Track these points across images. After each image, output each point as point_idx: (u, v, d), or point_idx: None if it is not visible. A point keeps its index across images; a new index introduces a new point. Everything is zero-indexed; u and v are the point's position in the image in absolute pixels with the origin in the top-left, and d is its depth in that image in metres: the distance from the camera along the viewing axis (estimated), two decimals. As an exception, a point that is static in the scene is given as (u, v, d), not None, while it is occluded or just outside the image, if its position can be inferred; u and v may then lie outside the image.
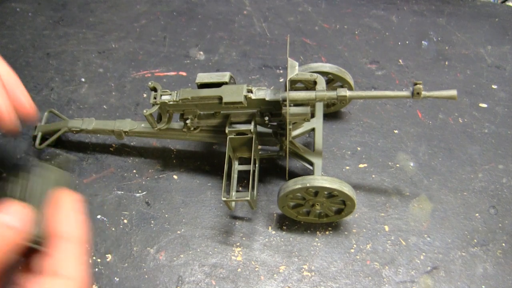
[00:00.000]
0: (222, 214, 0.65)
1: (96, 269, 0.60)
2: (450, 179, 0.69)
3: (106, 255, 0.62)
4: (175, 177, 0.69)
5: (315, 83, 0.60)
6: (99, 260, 0.61)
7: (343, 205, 0.59)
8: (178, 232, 0.63)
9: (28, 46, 0.87)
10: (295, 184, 0.56)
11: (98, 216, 0.65)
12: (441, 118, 0.76)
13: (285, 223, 0.64)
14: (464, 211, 0.65)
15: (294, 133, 0.65)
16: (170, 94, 0.59)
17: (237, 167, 0.63)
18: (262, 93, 0.57)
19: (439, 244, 0.62)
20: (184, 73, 0.83)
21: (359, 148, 0.72)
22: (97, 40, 0.89)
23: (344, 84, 0.69)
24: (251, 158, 0.57)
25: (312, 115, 0.66)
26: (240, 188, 0.67)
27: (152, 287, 0.59)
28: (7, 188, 0.40)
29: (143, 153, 0.72)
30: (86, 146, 0.73)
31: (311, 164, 0.62)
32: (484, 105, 0.78)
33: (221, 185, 0.67)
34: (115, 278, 0.60)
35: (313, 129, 0.65)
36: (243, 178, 0.67)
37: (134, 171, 0.70)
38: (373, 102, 0.78)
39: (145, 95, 0.79)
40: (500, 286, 0.59)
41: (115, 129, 0.67)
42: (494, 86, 0.81)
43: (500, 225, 0.64)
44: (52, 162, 0.39)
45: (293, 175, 0.67)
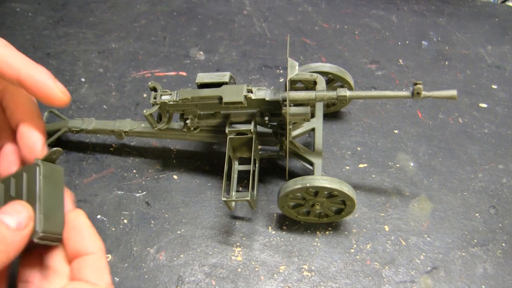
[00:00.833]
0: (222, 214, 0.65)
1: (96, 269, 0.60)
2: (450, 179, 0.69)
3: (106, 255, 0.61)
4: (175, 177, 0.69)
5: (315, 83, 0.60)
6: (99, 260, 0.61)
7: (343, 205, 0.59)
8: (178, 232, 0.63)
9: (28, 46, 0.87)
10: (295, 184, 0.56)
11: (98, 216, 0.65)
12: (441, 118, 0.76)
13: (285, 223, 0.64)
14: (464, 211, 0.65)
15: (294, 133, 0.65)
16: (170, 94, 0.59)
17: (237, 167, 0.63)
18: (262, 93, 0.57)
19: (439, 244, 0.62)
20: (184, 73, 0.83)
21: (359, 148, 0.72)
22: (97, 40, 0.89)
23: (344, 84, 0.69)
24: (251, 158, 0.57)
25: (312, 115, 0.66)
26: (240, 188, 0.67)
27: (152, 287, 0.59)
28: (6, 187, 0.40)
29: (143, 153, 0.72)
30: (86, 146, 0.73)
31: (311, 164, 0.62)
32: (484, 105, 0.78)
33: (221, 185, 0.67)
34: (115, 278, 0.60)
35: (313, 129, 0.65)
36: (243, 178, 0.67)
37: (134, 171, 0.70)
38: (373, 102, 0.78)
39: (145, 95, 0.79)
40: (500, 286, 0.59)
41: (115, 129, 0.67)
42: (494, 86, 0.81)
43: (500, 225, 0.64)
44: (44, 157, 0.40)
45: (293, 175, 0.67)
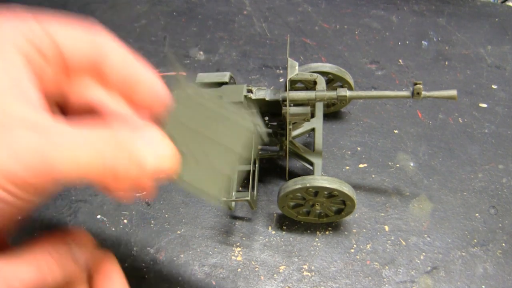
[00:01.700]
0: (222, 214, 0.65)
1: (96, 269, 0.60)
2: (450, 179, 0.69)
3: (106, 255, 0.61)
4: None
5: (315, 83, 0.60)
6: (99, 260, 0.61)
7: (343, 205, 0.59)
8: (178, 232, 0.63)
9: (28, 46, 0.87)
10: (295, 184, 0.56)
11: (98, 216, 0.65)
12: (441, 118, 0.76)
13: (285, 223, 0.64)
14: (464, 211, 0.65)
15: (294, 133, 0.65)
16: None
17: (237, 167, 0.63)
18: (262, 93, 0.57)
19: (439, 244, 0.62)
20: (184, 73, 0.83)
21: (359, 148, 0.72)
22: (97, 40, 0.89)
23: (344, 84, 0.69)
24: (251, 158, 0.57)
25: (312, 115, 0.66)
26: (240, 188, 0.67)
27: (152, 287, 0.59)
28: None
29: (143, 153, 0.72)
30: (86, 146, 0.73)
31: (311, 164, 0.62)
32: (484, 105, 0.78)
33: (221, 185, 0.67)
34: (115, 278, 0.59)
35: (313, 129, 0.65)
36: (243, 178, 0.67)
37: (134, 171, 0.70)
38: (373, 102, 0.78)
39: (145, 95, 0.79)
40: (500, 286, 0.59)
41: (115, 129, 0.66)
42: (494, 86, 0.81)
43: (500, 225, 0.64)
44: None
45: (293, 175, 0.67)
